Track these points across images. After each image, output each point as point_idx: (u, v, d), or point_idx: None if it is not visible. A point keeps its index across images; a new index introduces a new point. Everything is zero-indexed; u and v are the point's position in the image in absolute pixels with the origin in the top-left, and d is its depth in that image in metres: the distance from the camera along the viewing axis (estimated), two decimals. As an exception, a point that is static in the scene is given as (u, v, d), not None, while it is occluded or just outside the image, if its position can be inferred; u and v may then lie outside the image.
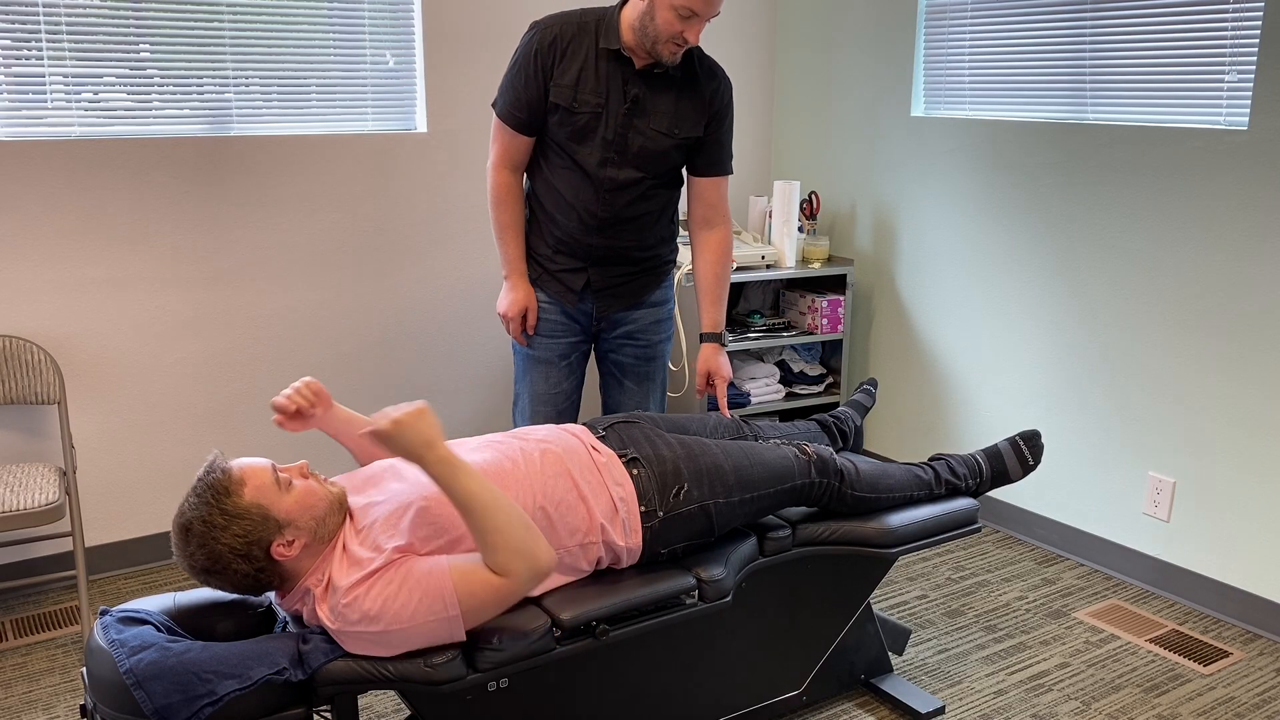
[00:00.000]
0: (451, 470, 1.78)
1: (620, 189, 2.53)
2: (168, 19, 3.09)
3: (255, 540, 1.78)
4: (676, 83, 2.50)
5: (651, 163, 2.53)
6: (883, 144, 3.85)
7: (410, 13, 3.46)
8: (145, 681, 1.66)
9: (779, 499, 2.24)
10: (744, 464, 2.19)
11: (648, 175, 2.54)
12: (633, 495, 2.05)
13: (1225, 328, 2.92)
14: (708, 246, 2.65)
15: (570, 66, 2.46)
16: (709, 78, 2.53)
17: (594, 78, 2.46)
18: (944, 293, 3.70)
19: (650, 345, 2.74)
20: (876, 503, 2.39)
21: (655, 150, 2.51)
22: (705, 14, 2.34)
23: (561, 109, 2.47)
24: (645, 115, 2.49)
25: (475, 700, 1.96)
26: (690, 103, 2.51)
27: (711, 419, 2.46)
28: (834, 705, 2.58)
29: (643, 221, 2.60)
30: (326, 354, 3.49)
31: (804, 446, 2.32)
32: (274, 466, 1.84)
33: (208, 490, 1.77)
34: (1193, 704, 2.60)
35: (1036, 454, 2.57)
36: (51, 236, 3.02)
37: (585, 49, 2.46)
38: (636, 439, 2.18)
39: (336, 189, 3.41)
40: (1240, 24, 2.82)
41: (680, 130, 2.51)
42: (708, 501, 2.12)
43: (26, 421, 3.09)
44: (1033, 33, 3.32)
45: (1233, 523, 2.97)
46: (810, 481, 2.27)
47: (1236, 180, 2.85)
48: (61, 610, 3.06)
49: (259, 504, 1.78)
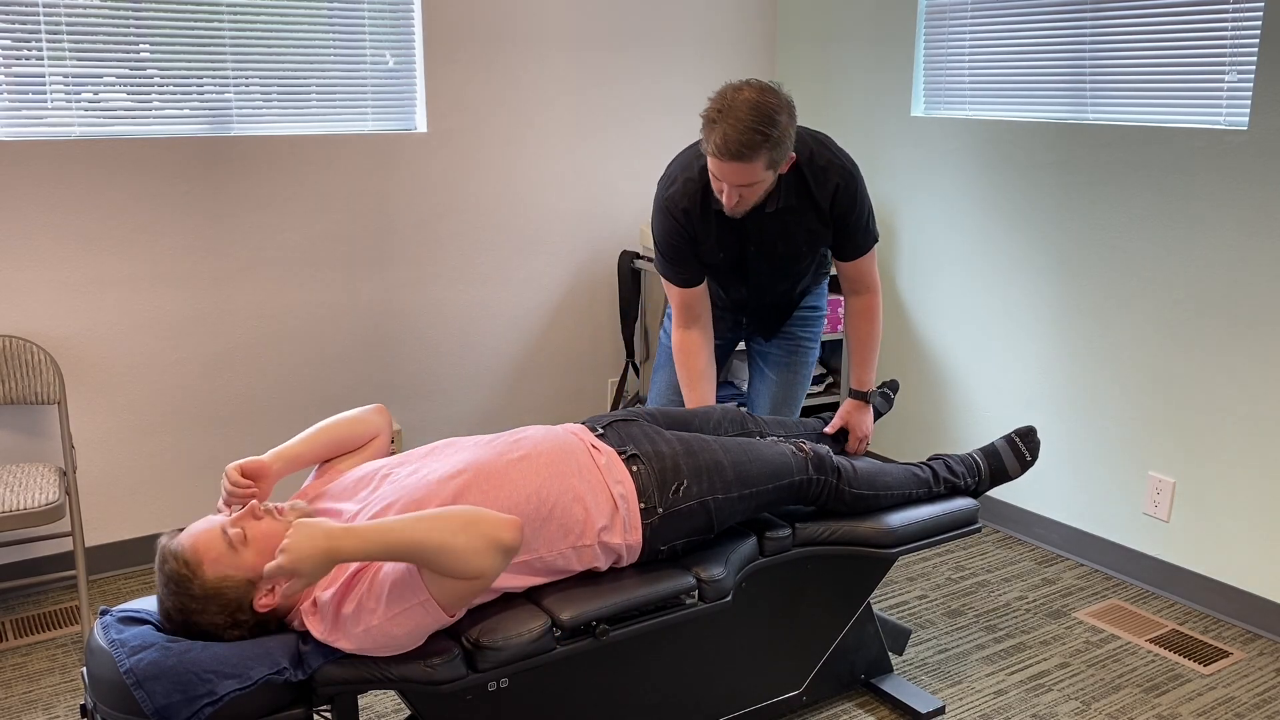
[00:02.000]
0: (364, 539, 1.69)
1: (779, 291, 2.70)
2: (168, 19, 3.09)
3: (236, 608, 1.77)
4: (794, 208, 2.48)
5: (788, 272, 2.63)
6: (883, 144, 3.85)
7: (410, 13, 3.46)
8: (145, 681, 1.66)
9: (778, 495, 2.24)
10: (742, 460, 2.19)
11: (794, 279, 2.66)
12: (633, 492, 2.05)
13: (1225, 327, 2.92)
14: (855, 312, 2.69)
15: (708, 230, 2.51)
16: (821, 184, 2.46)
17: (724, 236, 2.52)
18: (944, 293, 3.70)
19: (797, 340, 2.83)
20: (875, 501, 2.39)
21: (792, 265, 2.60)
22: (728, 180, 2.31)
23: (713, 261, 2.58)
24: (774, 244, 2.53)
25: (475, 700, 1.96)
26: (813, 220, 2.51)
27: (716, 413, 2.45)
28: (834, 705, 2.58)
29: (792, 292, 2.73)
30: (326, 354, 3.49)
31: (801, 444, 2.32)
32: (224, 528, 1.78)
33: (170, 583, 1.76)
34: (1193, 704, 2.60)
35: (1034, 450, 2.58)
36: (51, 236, 3.02)
37: (708, 214, 2.49)
38: (635, 436, 2.18)
39: (336, 189, 3.41)
40: (1240, 24, 2.81)
41: (809, 245, 2.55)
42: (707, 498, 2.12)
43: (26, 421, 3.09)
44: (1033, 33, 3.32)
45: (1233, 523, 2.97)
46: (808, 478, 2.27)
47: (1236, 180, 2.85)
48: (61, 610, 3.06)
49: (223, 576, 1.75)
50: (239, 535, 1.77)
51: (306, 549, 1.66)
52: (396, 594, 1.75)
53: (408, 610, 1.75)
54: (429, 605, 1.76)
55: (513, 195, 3.74)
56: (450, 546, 1.71)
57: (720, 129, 2.23)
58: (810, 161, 2.46)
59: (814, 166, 2.46)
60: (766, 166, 2.28)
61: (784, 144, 2.28)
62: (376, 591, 1.75)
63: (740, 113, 2.21)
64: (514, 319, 3.83)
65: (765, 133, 2.22)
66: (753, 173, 2.27)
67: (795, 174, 2.45)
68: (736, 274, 2.63)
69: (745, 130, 2.21)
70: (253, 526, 1.79)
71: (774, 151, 2.26)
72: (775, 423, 2.57)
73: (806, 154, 2.45)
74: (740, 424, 2.47)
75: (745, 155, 2.23)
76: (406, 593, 1.75)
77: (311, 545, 1.66)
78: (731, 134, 2.21)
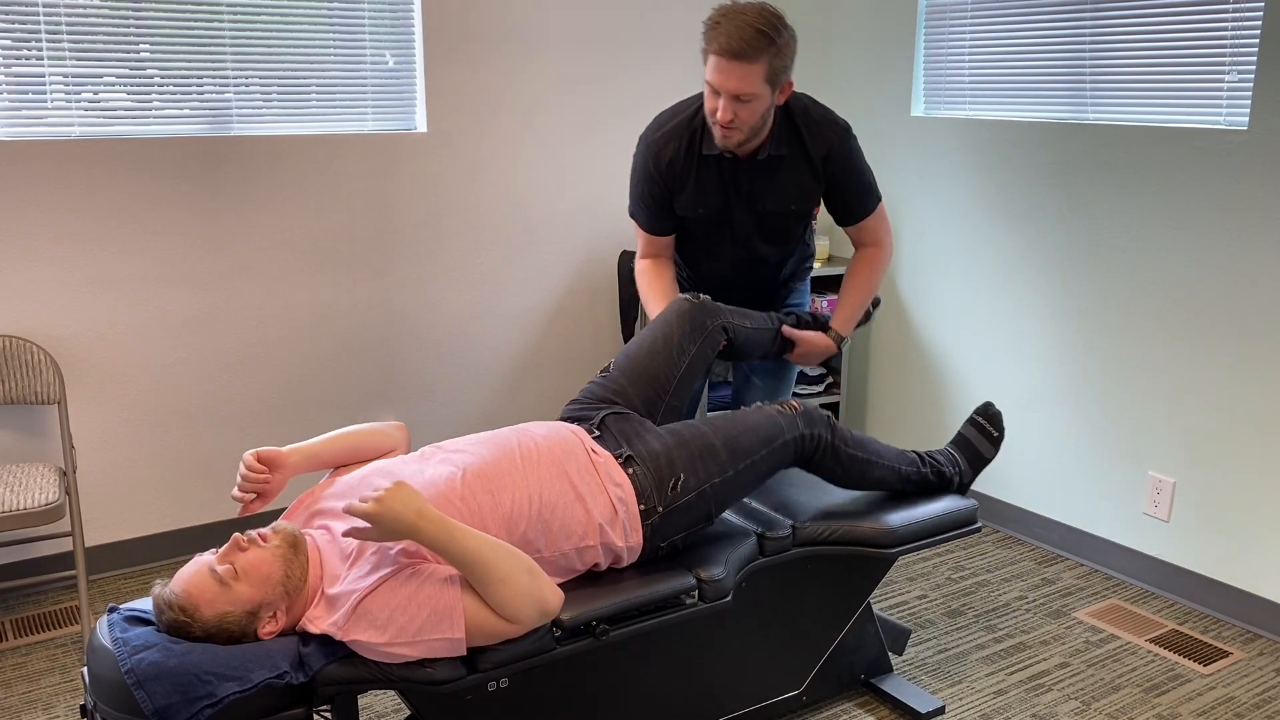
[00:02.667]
0: (447, 532, 1.76)
1: (756, 261, 2.62)
2: (168, 19, 3.09)
3: (241, 637, 1.78)
4: (786, 159, 2.47)
5: (773, 235, 2.58)
6: (883, 144, 3.85)
7: (410, 13, 3.46)
8: (146, 681, 1.66)
9: (774, 460, 2.22)
10: (732, 434, 2.17)
11: (770, 244, 2.60)
12: (632, 496, 2.05)
13: (1226, 327, 2.92)
14: (857, 260, 2.66)
15: (686, 182, 2.49)
16: (815, 138, 2.47)
17: (709, 186, 2.49)
18: (944, 293, 3.70)
19: None
20: (869, 467, 2.37)
21: (775, 225, 2.56)
22: (727, 88, 2.28)
23: (689, 218, 2.54)
24: (762, 199, 2.50)
25: (475, 700, 1.96)
26: (805, 174, 2.49)
27: (676, 333, 2.37)
28: (834, 705, 2.59)
29: (774, 270, 2.68)
30: (326, 354, 3.49)
31: (788, 403, 2.30)
32: (211, 567, 1.78)
33: (173, 630, 1.77)
34: (1193, 704, 2.61)
35: (997, 423, 2.56)
36: (51, 236, 3.02)
37: (694, 160, 2.47)
38: (628, 435, 2.16)
39: (336, 189, 3.41)
40: (1240, 24, 2.81)
41: (797, 205, 2.52)
42: (704, 485, 2.11)
43: (26, 421, 3.09)
44: (1033, 33, 3.32)
45: (1233, 523, 2.97)
46: (800, 435, 2.25)
47: (1236, 180, 2.85)
48: (61, 610, 3.06)
49: (222, 614, 1.76)
50: (229, 571, 1.77)
51: (397, 510, 1.72)
52: (434, 623, 1.77)
53: (439, 641, 1.78)
54: (458, 644, 1.78)
55: (512, 195, 3.74)
56: (512, 580, 1.78)
57: (724, 28, 2.23)
58: (805, 112, 2.47)
59: (809, 118, 2.47)
60: (767, 78, 2.26)
61: (785, 56, 2.27)
62: (415, 611, 1.76)
63: (747, 14, 2.24)
64: (514, 319, 3.83)
65: (769, 35, 2.22)
66: (753, 80, 2.25)
67: (789, 124, 2.45)
68: (718, 233, 2.58)
69: (749, 28, 2.22)
70: (240, 559, 1.79)
71: (775, 60, 2.25)
72: (736, 311, 2.48)
73: (801, 105, 2.47)
74: (700, 326, 2.37)
75: (748, 54, 2.22)
76: (444, 625, 1.77)
77: (403, 509, 1.73)
78: (735, 32, 2.21)
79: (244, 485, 1.97)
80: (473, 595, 1.80)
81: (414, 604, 1.76)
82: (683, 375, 2.33)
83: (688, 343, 2.36)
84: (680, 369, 2.34)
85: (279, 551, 1.81)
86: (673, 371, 2.33)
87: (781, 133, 2.45)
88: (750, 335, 2.49)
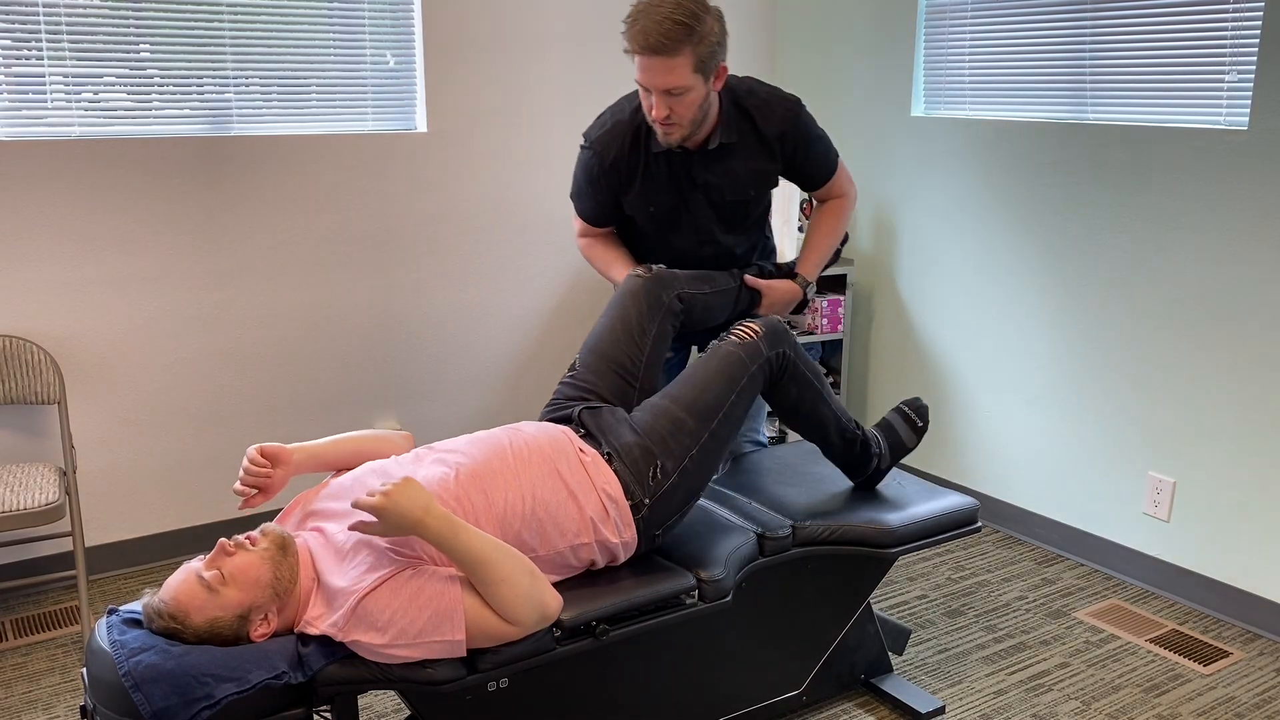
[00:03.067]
0: (452, 529, 1.77)
1: (708, 259, 2.54)
2: (168, 19, 3.09)
3: (234, 641, 1.78)
4: (737, 145, 2.41)
5: (734, 223, 2.52)
6: (883, 144, 3.85)
7: (410, 13, 3.45)
8: (144, 684, 1.66)
9: (747, 398, 2.17)
10: (694, 397, 2.12)
11: (732, 233, 2.54)
12: (620, 493, 2.04)
13: (1225, 327, 2.92)
14: (823, 208, 2.60)
15: (633, 181, 2.43)
16: (767, 118, 2.40)
17: (659, 182, 2.43)
18: (944, 293, 3.70)
19: None
20: (819, 400, 2.31)
21: (738, 212, 2.50)
22: (655, 84, 2.21)
23: (639, 216, 2.48)
24: (719, 190, 2.44)
25: (475, 700, 1.96)
26: (760, 158, 2.44)
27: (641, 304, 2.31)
28: (834, 705, 2.58)
29: (739, 261, 2.60)
30: (326, 354, 3.49)
31: (744, 325, 2.22)
32: (198, 574, 1.78)
33: (165, 637, 1.77)
34: (1193, 704, 2.60)
35: (922, 414, 2.53)
36: (51, 236, 3.02)
37: (640, 158, 2.41)
38: (604, 430, 2.14)
39: (336, 189, 3.41)
40: (1240, 24, 2.81)
41: (755, 188, 2.47)
42: (683, 462, 2.08)
43: (26, 421, 3.09)
44: (1033, 33, 3.32)
45: (1233, 523, 2.97)
46: (766, 358, 2.18)
47: (1236, 180, 2.84)
48: (61, 610, 3.06)
49: (212, 619, 1.76)
50: (216, 577, 1.77)
51: (404, 505, 1.74)
52: (435, 625, 1.77)
53: (439, 643, 1.78)
54: (458, 646, 1.79)
55: (512, 195, 3.74)
56: (514, 580, 1.79)
57: (641, 24, 2.16)
58: (752, 94, 2.40)
59: (756, 99, 2.40)
60: (694, 68, 2.19)
61: (710, 43, 2.19)
62: (416, 613, 1.76)
63: (664, 7, 2.15)
64: (514, 319, 3.83)
65: (688, 24, 2.14)
66: (679, 73, 2.18)
67: (737, 108, 2.38)
68: (672, 230, 2.50)
69: (667, 20, 2.13)
70: (227, 564, 1.78)
71: (699, 48, 2.17)
72: (695, 276, 2.41)
73: (746, 88, 2.40)
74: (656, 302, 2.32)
75: (669, 48, 2.14)
76: (445, 628, 1.77)
77: (410, 504, 1.74)
78: (651, 25, 2.14)
79: (246, 479, 1.97)
80: (473, 597, 1.80)
81: (415, 605, 1.76)
82: (649, 358, 2.29)
83: (647, 323, 2.30)
84: (644, 352, 2.29)
85: (267, 554, 1.80)
86: (637, 356, 2.28)
87: (730, 119, 2.38)
88: (710, 301, 2.42)
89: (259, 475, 1.97)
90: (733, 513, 2.39)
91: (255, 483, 1.98)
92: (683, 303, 2.35)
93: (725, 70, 2.30)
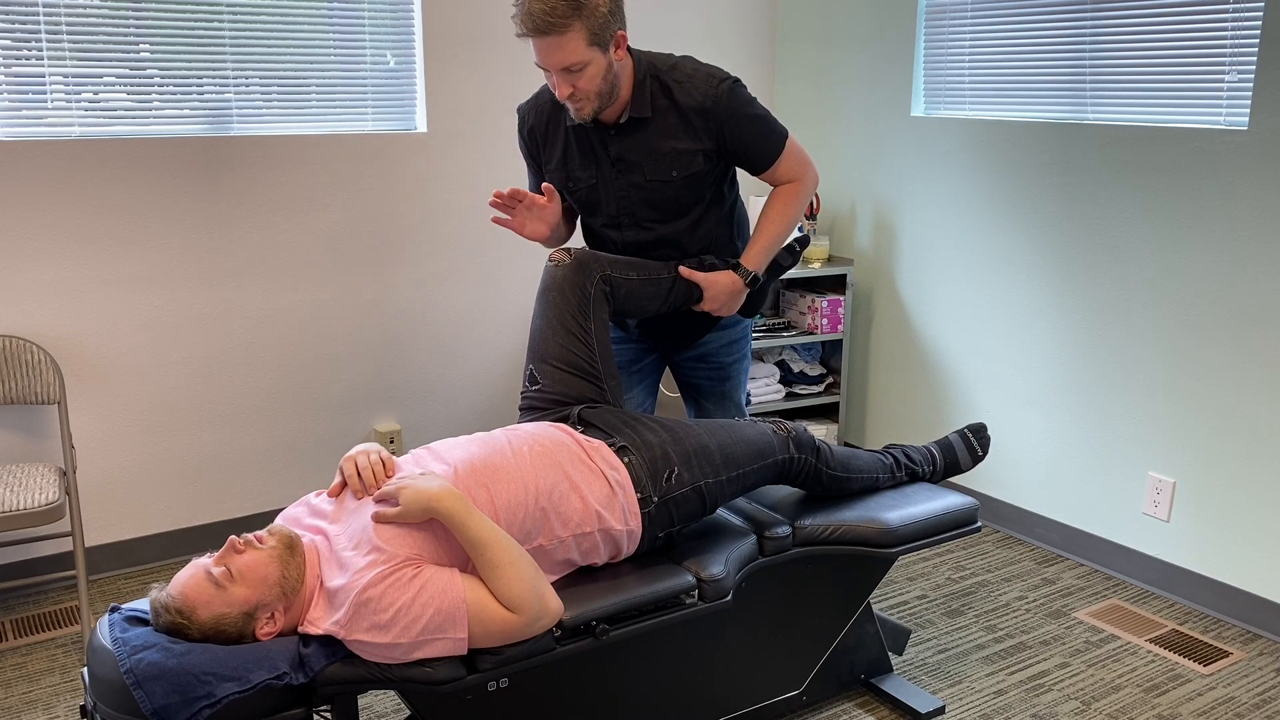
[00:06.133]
0: (467, 508, 1.83)
1: (646, 246, 2.43)
2: (168, 19, 3.09)
3: (239, 639, 1.78)
4: (657, 121, 2.30)
5: (664, 210, 2.39)
6: (883, 144, 3.85)
7: (410, 13, 3.45)
8: (145, 682, 1.66)
9: (763, 475, 2.26)
10: (727, 442, 2.20)
11: (666, 222, 2.41)
12: (628, 479, 2.06)
13: (1225, 327, 2.92)
14: (774, 193, 2.45)
15: (553, 150, 2.40)
16: (688, 91, 2.29)
17: (577, 153, 2.37)
18: (944, 292, 3.70)
19: (723, 367, 2.63)
20: (848, 483, 2.45)
21: (661, 198, 2.37)
22: (551, 64, 2.15)
23: (570, 194, 2.44)
24: (637, 168, 2.34)
25: (475, 700, 1.96)
26: (680, 135, 2.31)
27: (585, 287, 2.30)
28: (834, 705, 2.59)
29: (689, 254, 2.46)
30: (325, 353, 3.49)
31: (780, 424, 2.35)
32: (207, 569, 1.79)
33: (170, 633, 1.77)
34: (1193, 704, 2.60)
35: (984, 445, 2.67)
36: (51, 236, 3.02)
37: (561, 127, 2.38)
38: (617, 426, 2.16)
39: (336, 189, 3.41)
40: (1240, 24, 2.81)
41: (678, 170, 2.33)
42: (700, 483, 2.14)
43: (26, 421, 3.09)
44: (1033, 33, 3.32)
45: (1233, 523, 2.97)
46: (789, 457, 2.30)
47: (1236, 180, 2.85)
48: (61, 610, 3.06)
49: (218, 616, 1.76)
50: (224, 573, 1.77)
51: (422, 483, 1.85)
52: (437, 623, 1.78)
53: (442, 641, 1.79)
54: (460, 644, 1.80)
55: (513, 195, 3.73)
56: (519, 565, 1.84)
57: (525, 5, 2.10)
58: (675, 69, 2.31)
59: (679, 73, 2.31)
60: (589, 41, 2.13)
61: (601, 13, 2.12)
62: (419, 610, 1.77)
63: None
64: (514, 319, 3.83)
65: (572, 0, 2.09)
66: (574, 49, 2.12)
67: (658, 84, 2.30)
68: (590, 211, 2.43)
69: None
70: (236, 561, 1.79)
71: (590, 20, 2.11)
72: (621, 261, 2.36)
73: (670, 64, 2.32)
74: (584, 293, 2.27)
75: (556, 26, 2.09)
76: (447, 625, 1.78)
77: (427, 482, 1.84)
78: (536, 6, 2.09)
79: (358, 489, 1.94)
80: (475, 591, 1.81)
81: (417, 604, 1.77)
82: (600, 351, 2.28)
83: (581, 318, 2.28)
84: (594, 349, 2.27)
85: (275, 553, 1.81)
86: (589, 355, 2.27)
87: (646, 93, 2.29)
88: (635, 288, 2.34)
89: (377, 474, 1.95)
90: (733, 513, 2.39)
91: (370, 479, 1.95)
92: (609, 285, 2.30)
93: (624, 38, 2.23)
